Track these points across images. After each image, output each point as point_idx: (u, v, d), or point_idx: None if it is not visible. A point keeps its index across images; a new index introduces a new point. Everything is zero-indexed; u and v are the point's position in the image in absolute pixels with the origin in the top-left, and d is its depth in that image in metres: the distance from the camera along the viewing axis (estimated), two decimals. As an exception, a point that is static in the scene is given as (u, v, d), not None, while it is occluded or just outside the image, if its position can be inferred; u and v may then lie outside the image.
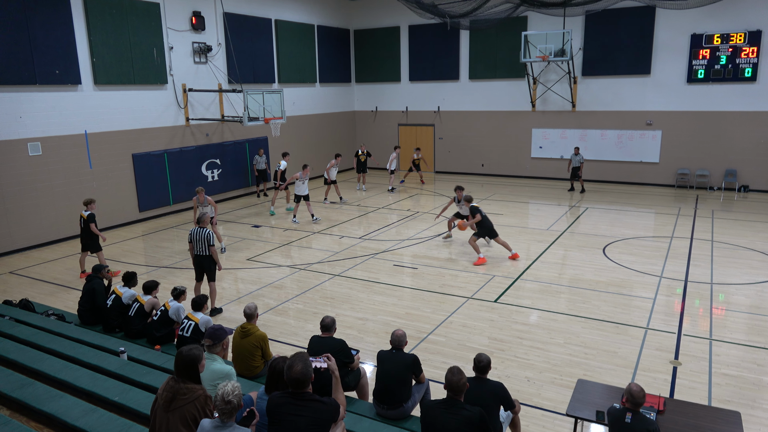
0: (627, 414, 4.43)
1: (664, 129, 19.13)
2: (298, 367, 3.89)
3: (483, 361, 4.92)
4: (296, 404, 3.87)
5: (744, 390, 6.58)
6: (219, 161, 17.98)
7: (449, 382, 4.32)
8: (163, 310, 6.99)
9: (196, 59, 16.81)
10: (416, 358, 5.41)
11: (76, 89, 13.77)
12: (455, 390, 4.31)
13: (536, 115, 21.08)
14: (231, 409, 3.68)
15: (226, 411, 3.67)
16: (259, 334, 5.99)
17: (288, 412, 3.86)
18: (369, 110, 24.58)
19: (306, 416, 3.83)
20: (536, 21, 19.96)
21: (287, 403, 3.89)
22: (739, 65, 17.61)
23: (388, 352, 5.48)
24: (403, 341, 5.46)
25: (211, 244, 8.86)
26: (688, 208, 16.18)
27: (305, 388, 3.92)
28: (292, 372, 3.88)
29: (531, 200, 18.05)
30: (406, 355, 5.39)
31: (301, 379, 3.87)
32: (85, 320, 7.79)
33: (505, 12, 17.76)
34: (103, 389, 5.20)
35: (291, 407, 3.87)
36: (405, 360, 5.35)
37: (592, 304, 9.24)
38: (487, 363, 4.93)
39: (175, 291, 7.12)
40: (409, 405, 5.29)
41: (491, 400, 4.79)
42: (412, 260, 11.79)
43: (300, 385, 3.89)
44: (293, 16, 20.56)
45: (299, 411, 3.84)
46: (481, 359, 4.93)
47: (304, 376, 3.88)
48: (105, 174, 14.64)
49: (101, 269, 8.10)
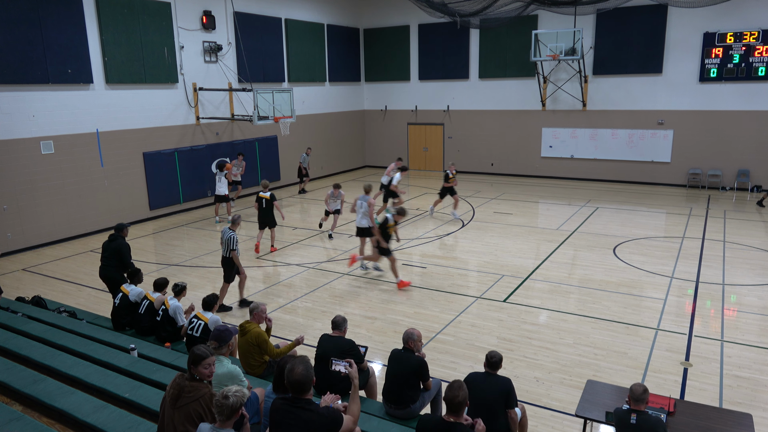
0: (632, 414, 4.41)
1: (676, 128, 18.96)
2: (298, 369, 3.78)
3: (495, 357, 5.00)
4: (292, 411, 3.77)
5: (756, 392, 6.51)
6: (229, 160, 18.06)
7: (450, 399, 4.03)
8: (163, 309, 7.00)
9: (206, 58, 16.89)
10: (423, 363, 5.27)
11: (88, 88, 13.89)
12: (455, 409, 4.03)
13: (546, 115, 20.97)
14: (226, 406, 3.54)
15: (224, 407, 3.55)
16: (254, 331, 5.85)
17: (283, 419, 3.78)
18: (378, 109, 24.57)
19: (297, 426, 3.73)
20: (547, 19, 19.86)
21: (284, 410, 3.81)
22: (752, 64, 17.40)
23: (400, 351, 5.39)
24: (411, 341, 5.29)
25: (233, 248, 8.81)
26: (700, 209, 16.03)
27: (305, 394, 3.80)
28: (293, 375, 3.77)
29: (541, 200, 17.96)
30: (414, 357, 5.28)
31: (301, 381, 3.76)
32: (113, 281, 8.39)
33: (515, 11, 17.68)
34: (114, 386, 5.24)
35: (286, 414, 3.78)
36: (412, 363, 5.24)
37: (602, 304, 9.19)
38: (498, 360, 5.01)
39: (175, 287, 7.11)
40: (416, 406, 5.25)
41: (497, 394, 4.78)
42: (421, 259, 11.77)
43: (299, 388, 3.78)
44: (303, 15, 20.60)
45: (292, 419, 3.75)
46: (494, 355, 5.02)
47: (304, 378, 3.77)
48: (116, 172, 14.75)
49: (123, 228, 8.61)
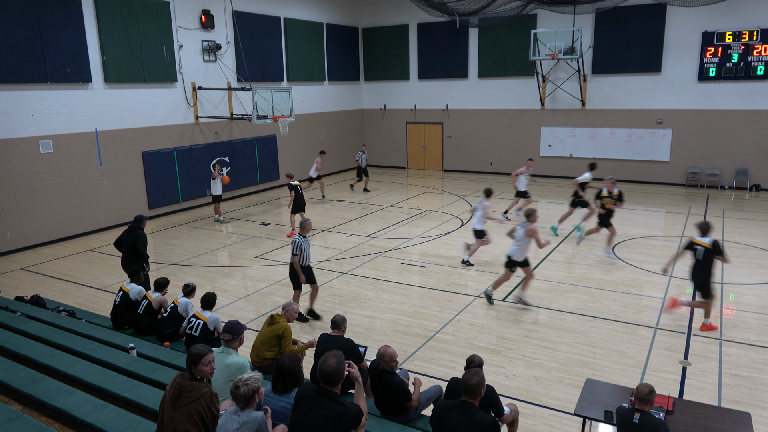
0: (635, 414, 4.40)
1: (675, 127, 18.97)
2: (331, 361, 3.92)
3: (474, 362, 4.90)
4: (319, 400, 3.89)
5: (755, 391, 6.52)
6: (228, 159, 18.06)
7: (463, 382, 4.18)
8: (172, 306, 7.04)
9: (205, 57, 16.88)
10: (402, 384, 4.98)
11: (87, 87, 13.88)
12: (468, 392, 4.15)
13: (545, 114, 20.97)
14: (239, 396, 3.83)
15: (236, 397, 3.84)
16: (283, 324, 6.06)
17: (309, 405, 3.89)
18: (378, 108, 24.57)
19: (324, 415, 3.83)
20: (546, 19, 19.86)
21: (312, 397, 3.92)
22: (751, 63, 17.42)
23: (377, 371, 5.07)
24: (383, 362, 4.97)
25: (293, 252, 8.48)
26: (699, 208, 16.05)
27: (334, 386, 3.93)
28: (326, 366, 3.91)
29: (540, 199, 17.97)
30: (394, 377, 5.02)
31: (332, 373, 3.89)
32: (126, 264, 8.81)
33: (514, 10, 17.68)
34: (113, 385, 5.24)
35: (314, 401, 3.89)
36: (391, 384, 4.99)
37: (601, 303, 9.20)
38: (477, 364, 4.88)
39: (186, 288, 7.17)
40: (411, 412, 5.13)
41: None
42: (420, 258, 11.78)
43: (330, 380, 3.90)
44: (302, 14, 20.59)
45: (320, 408, 3.85)
46: (473, 359, 4.94)
47: (336, 371, 3.90)
48: (115, 171, 14.74)
49: (142, 219, 9.09)
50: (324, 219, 15.33)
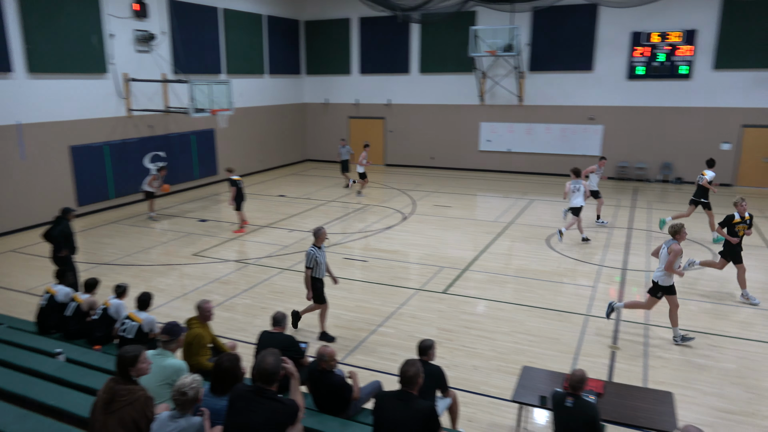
0: (568, 398, 4.60)
1: (606, 123, 19.83)
2: (269, 360, 3.91)
3: (424, 345, 5.12)
4: (256, 400, 3.85)
5: (677, 372, 6.95)
6: (164, 153, 17.43)
7: (401, 373, 4.31)
8: (103, 308, 6.73)
9: (138, 48, 16.18)
10: (343, 381, 5.02)
11: (7, 77, 13.01)
12: (406, 382, 4.28)
13: (485, 109, 21.43)
14: (185, 401, 3.75)
15: (180, 402, 3.75)
16: (194, 331, 5.76)
17: (246, 407, 3.85)
18: (320, 102, 24.36)
19: (262, 414, 3.80)
20: (485, 16, 20.25)
21: (248, 398, 3.88)
22: (675, 63, 18.44)
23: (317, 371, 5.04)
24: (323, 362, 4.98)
25: (307, 265, 7.74)
26: (627, 200, 16.87)
27: (271, 385, 3.91)
28: (264, 364, 3.89)
29: (479, 193, 18.38)
30: (334, 377, 5.02)
31: (270, 371, 3.88)
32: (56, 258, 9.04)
33: (454, 6, 17.94)
34: (38, 393, 4.97)
35: (250, 402, 3.85)
36: (333, 383, 4.99)
37: (537, 293, 9.53)
38: (427, 346, 5.11)
39: (118, 289, 6.88)
40: (351, 407, 5.14)
41: (429, 381, 4.79)
42: (362, 253, 11.80)
43: (267, 378, 3.89)
44: (241, 6, 20.09)
45: (257, 407, 3.82)
46: (423, 343, 5.14)
47: (273, 369, 3.89)
48: (40, 166, 13.91)
49: (70, 211, 9.35)
50: (265, 215, 15.09)
